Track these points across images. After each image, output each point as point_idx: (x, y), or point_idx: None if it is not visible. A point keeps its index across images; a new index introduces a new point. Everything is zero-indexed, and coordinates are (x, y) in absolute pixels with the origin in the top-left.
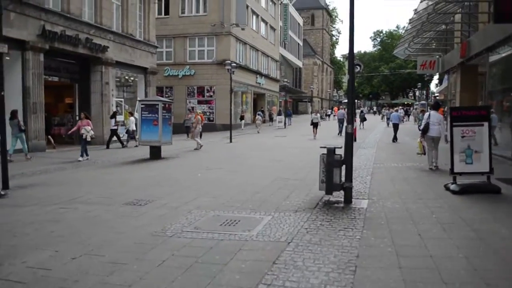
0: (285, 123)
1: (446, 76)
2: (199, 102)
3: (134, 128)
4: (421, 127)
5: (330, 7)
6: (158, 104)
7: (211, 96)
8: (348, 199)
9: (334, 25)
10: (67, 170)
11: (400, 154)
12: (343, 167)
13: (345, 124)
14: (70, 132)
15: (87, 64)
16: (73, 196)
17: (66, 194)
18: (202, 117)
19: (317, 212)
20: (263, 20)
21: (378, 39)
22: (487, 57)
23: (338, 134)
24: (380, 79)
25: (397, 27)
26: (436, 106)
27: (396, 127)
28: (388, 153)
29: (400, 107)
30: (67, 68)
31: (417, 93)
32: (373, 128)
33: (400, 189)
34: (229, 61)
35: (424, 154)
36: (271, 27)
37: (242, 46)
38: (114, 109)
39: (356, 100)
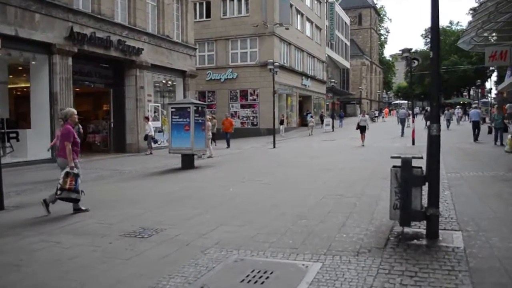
0: (333, 126)
1: (509, 71)
2: (242, 106)
3: (152, 134)
4: None
5: (378, 6)
6: (189, 107)
7: (254, 100)
8: (433, 232)
9: (382, 24)
10: (84, 184)
11: (473, 160)
12: (423, 185)
13: (406, 124)
14: (50, 144)
15: (121, 68)
16: (66, 221)
17: (60, 219)
18: (212, 122)
19: (390, 256)
20: (308, 20)
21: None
22: None
23: (401, 135)
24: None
25: (451, 23)
26: None
27: (476, 125)
28: (457, 158)
29: (458, 106)
30: (100, 73)
31: (471, 92)
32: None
33: (501, 212)
34: (271, 61)
35: None
36: (317, 27)
37: (286, 46)
38: (152, 114)
39: (407, 101)
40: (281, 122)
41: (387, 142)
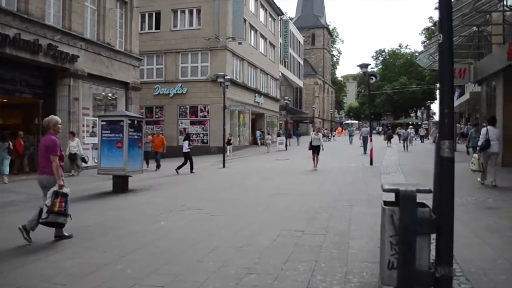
0: (286, 145)
1: (457, 92)
2: (192, 123)
3: (80, 152)
4: (480, 143)
5: (330, 27)
6: (123, 120)
7: (205, 116)
8: None
9: (334, 45)
10: None
11: None
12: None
13: (369, 143)
14: None
15: (53, 76)
16: None
17: None
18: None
19: None
20: (262, 36)
21: (381, 58)
22: None
23: (364, 153)
24: (383, 98)
25: (400, 45)
26: (492, 121)
27: None
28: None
29: (411, 126)
30: (27, 81)
31: (418, 113)
32: (383, 149)
33: (509, 255)
34: (222, 74)
35: (483, 171)
36: (271, 44)
37: (239, 62)
38: (90, 130)
39: (357, 121)
40: (228, 142)
41: (343, 162)
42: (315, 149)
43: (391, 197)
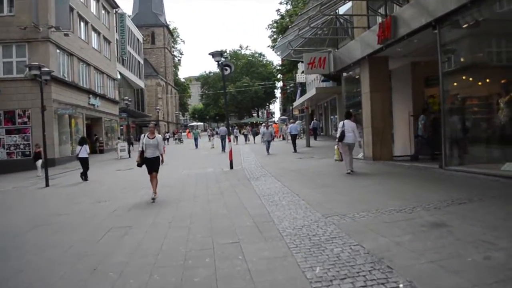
0: (129, 151)
1: (299, 90)
2: (8, 132)
3: None
4: (337, 135)
5: (171, 27)
6: None
7: (25, 123)
8: None
9: (176, 46)
10: None
11: (330, 186)
12: None
13: (227, 143)
14: None
15: None
16: None
17: None
18: None
19: None
20: (94, 29)
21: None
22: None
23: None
24: (228, 99)
25: (240, 46)
26: (348, 115)
27: (295, 138)
28: (313, 187)
29: (263, 124)
30: None
31: (259, 113)
32: (239, 149)
33: None
34: (37, 64)
35: (341, 160)
36: (106, 39)
37: (67, 57)
38: None
39: (203, 123)
40: (37, 156)
41: (199, 167)
42: (151, 166)
43: None
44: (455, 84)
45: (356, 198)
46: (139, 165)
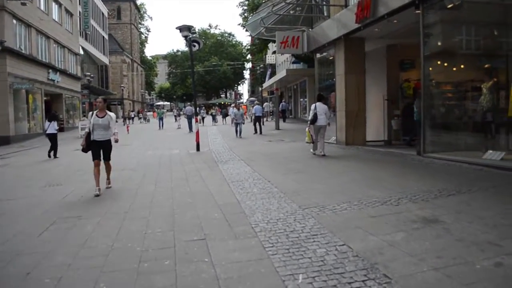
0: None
1: (269, 71)
2: None
3: None
4: (309, 118)
5: (138, 2)
6: None
7: None
8: None
9: (143, 22)
10: None
11: (305, 172)
12: None
13: (194, 123)
14: None
15: None
16: None
17: None
18: None
19: None
20: (55, 0)
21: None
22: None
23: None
24: (195, 79)
25: (210, 26)
26: (320, 97)
27: (258, 119)
28: (285, 173)
29: (233, 105)
30: None
31: (228, 94)
32: (206, 131)
33: None
34: None
35: (313, 142)
36: (67, 11)
37: (24, 29)
38: None
39: (170, 103)
40: None
41: (164, 148)
42: (99, 151)
43: None
44: (436, 68)
45: (334, 187)
46: (84, 150)
